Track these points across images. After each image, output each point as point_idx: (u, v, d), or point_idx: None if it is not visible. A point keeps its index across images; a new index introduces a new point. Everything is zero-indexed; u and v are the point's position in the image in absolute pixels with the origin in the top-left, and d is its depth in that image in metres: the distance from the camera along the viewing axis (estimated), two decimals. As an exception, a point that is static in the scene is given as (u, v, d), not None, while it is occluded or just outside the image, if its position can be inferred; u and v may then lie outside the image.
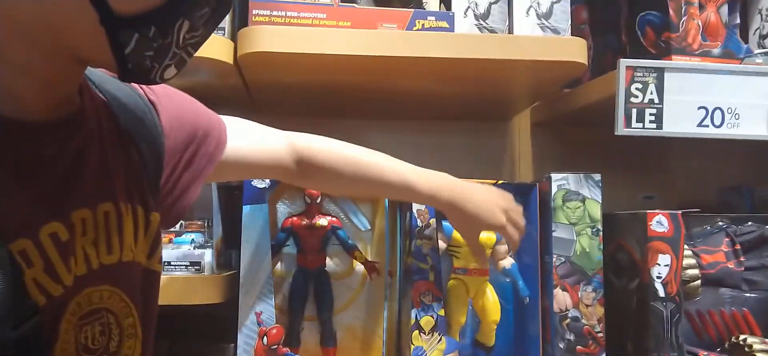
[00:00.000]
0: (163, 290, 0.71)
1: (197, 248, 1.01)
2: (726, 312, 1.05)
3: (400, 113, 1.33)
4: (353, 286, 1.06)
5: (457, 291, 1.05)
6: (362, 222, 1.07)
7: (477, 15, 1.02)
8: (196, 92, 0.77)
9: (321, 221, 1.04)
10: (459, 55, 0.96)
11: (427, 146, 1.34)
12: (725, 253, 1.05)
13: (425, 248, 1.01)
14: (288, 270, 1.05)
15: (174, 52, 0.53)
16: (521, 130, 1.36)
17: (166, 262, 0.97)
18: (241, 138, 0.79)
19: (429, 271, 1.00)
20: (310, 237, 1.04)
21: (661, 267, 0.99)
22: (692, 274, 1.03)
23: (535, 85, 1.15)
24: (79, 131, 0.57)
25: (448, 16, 0.99)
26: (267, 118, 0.86)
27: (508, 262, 1.07)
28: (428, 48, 0.95)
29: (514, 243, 0.95)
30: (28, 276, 0.51)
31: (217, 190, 1.06)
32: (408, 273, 1.02)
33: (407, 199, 0.99)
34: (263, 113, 1.01)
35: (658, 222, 0.99)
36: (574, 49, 0.99)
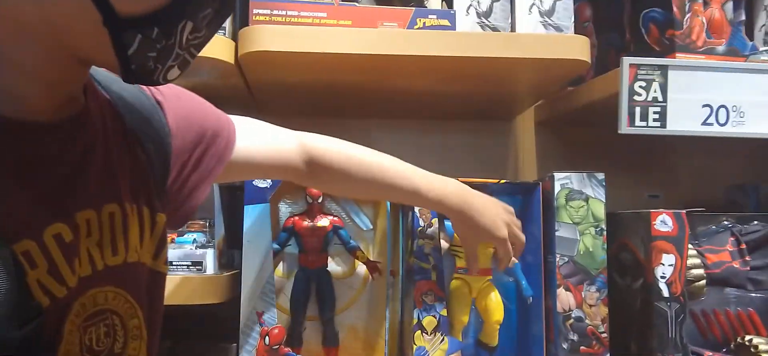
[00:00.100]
0: (165, 290, 0.70)
1: (199, 248, 1.01)
2: (731, 312, 1.04)
3: (402, 112, 1.32)
4: (355, 286, 1.06)
5: (459, 291, 1.05)
6: (364, 222, 1.06)
7: (479, 13, 1.01)
8: (198, 92, 0.77)
9: (323, 221, 1.04)
10: (461, 54, 0.95)
11: (429, 145, 1.33)
12: (730, 252, 1.04)
13: (427, 248, 1.00)
14: (290, 270, 1.05)
15: (177, 53, 0.52)
16: (524, 129, 1.36)
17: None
18: (250, 138, 0.78)
19: (431, 271, 1.00)
20: (311, 237, 1.04)
21: (665, 266, 0.98)
22: (697, 274, 1.02)
23: (537, 83, 1.14)
24: (83, 131, 0.57)
25: (449, 15, 0.98)
26: (269, 117, 0.85)
27: (512, 262, 1.06)
28: (429, 47, 0.94)
29: (510, 258, 0.96)
30: (32, 277, 0.51)
31: (219, 190, 1.06)
32: (410, 272, 1.02)
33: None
34: (265, 113, 1.00)
35: (662, 222, 0.99)
36: (577, 47, 0.98)
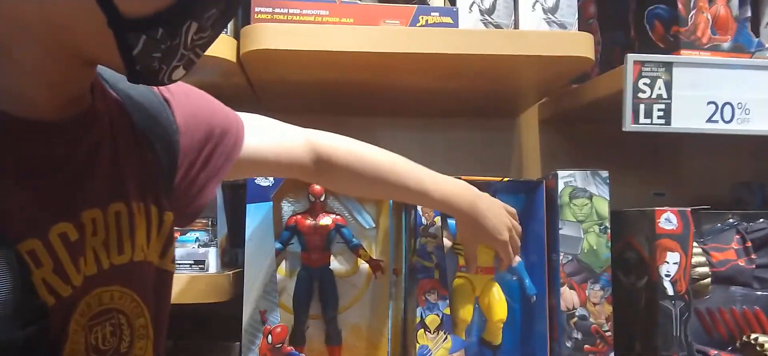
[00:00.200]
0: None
1: (201, 246, 1.01)
2: (737, 311, 1.04)
3: (406, 110, 1.32)
4: (358, 285, 1.06)
5: (463, 289, 1.04)
6: (367, 220, 1.06)
7: (482, 10, 1.00)
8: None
9: (325, 220, 1.04)
10: (463, 51, 0.95)
11: (433, 143, 1.33)
12: (736, 250, 1.03)
13: (430, 247, 1.00)
14: (292, 269, 1.05)
15: (182, 53, 0.52)
16: (529, 126, 1.35)
17: (170, 261, 0.96)
18: (259, 136, 0.78)
19: (434, 269, 1.00)
20: (314, 236, 1.03)
21: (669, 264, 0.97)
22: (702, 272, 1.01)
23: (541, 81, 1.14)
24: (89, 130, 0.57)
25: (452, 12, 0.97)
26: (272, 116, 0.85)
27: (515, 260, 1.05)
28: (432, 44, 0.94)
29: (510, 261, 0.96)
30: (37, 276, 0.51)
31: (222, 188, 1.06)
32: (413, 271, 1.02)
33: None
34: (268, 111, 0.99)
35: (667, 219, 0.98)
36: (581, 44, 0.98)
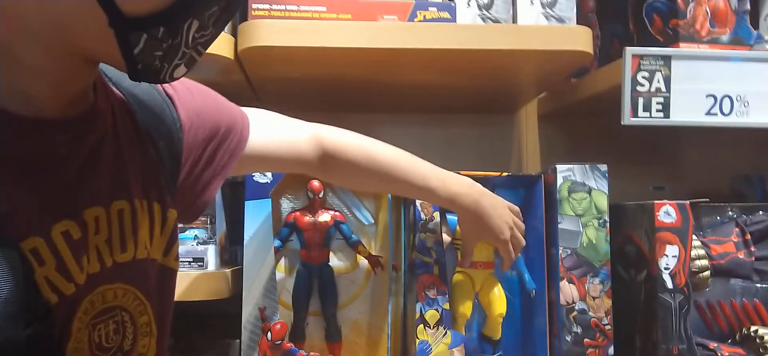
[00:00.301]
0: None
1: (200, 244, 1.01)
2: (736, 303, 1.04)
3: (405, 106, 1.32)
4: (357, 281, 1.06)
5: (462, 284, 1.04)
6: (366, 217, 1.06)
7: (480, 5, 1.00)
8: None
9: (324, 216, 1.04)
10: (462, 47, 0.94)
11: (432, 138, 1.33)
12: (735, 243, 1.03)
13: (429, 242, 1.00)
14: (291, 266, 1.05)
15: (184, 51, 0.52)
16: (528, 121, 1.35)
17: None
18: (263, 132, 0.78)
19: (433, 265, 0.99)
20: (313, 232, 1.03)
21: (669, 258, 0.97)
22: (702, 265, 1.01)
23: (540, 75, 1.14)
24: (92, 128, 0.57)
25: (450, 7, 0.97)
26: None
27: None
28: (430, 40, 0.94)
29: (511, 260, 0.96)
30: (40, 274, 0.51)
31: (221, 186, 1.05)
32: (412, 267, 1.02)
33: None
34: (267, 108, 1.00)
35: (666, 212, 0.98)
36: (580, 38, 0.97)
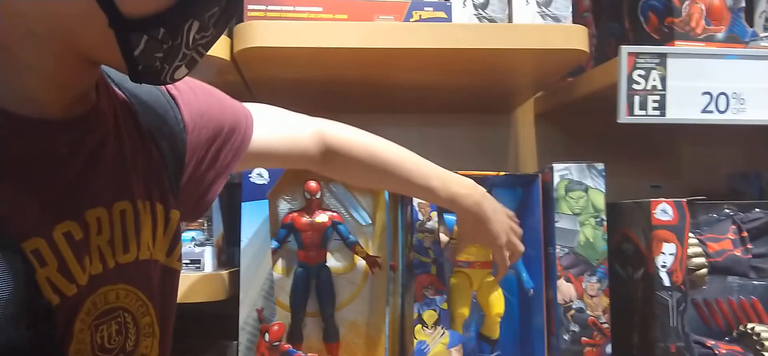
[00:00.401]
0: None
1: (197, 246, 1.01)
2: (734, 301, 1.04)
3: (401, 106, 1.32)
4: (355, 281, 1.06)
5: (460, 284, 1.04)
6: (363, 217, 1.06)
7: (475, 4, 1.00)
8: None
9: (321, 217, 1.04)
10: (458, 46, 0.94)
11: (429, 138, 1.33)
12: (732, 241, 1.03)
13: (427, 242, 1.00)
14: (289, 267, 1.04)
15: (184, 52, 0.52)
16: (525, 120, 1.35)
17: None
18: (266, 129, 0.78)
19: (431, 265, 0.99)
20: (310, 233, 1.03)
21: (666, 255, 0.97)
22: (699, 263, 1.02)
23: (536, 74, 1.14)
24: (93, 129, 0.57)
25: (445, 6, 0.97)
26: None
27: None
28: (426, 39, 0.94)
29: (506, 265, 0.96)
30: (41, 275, 0.51)
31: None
32: (410, 267, 1.02)
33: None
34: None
35: (663, 211, 0.98)
36: (576, 36, 0.98)
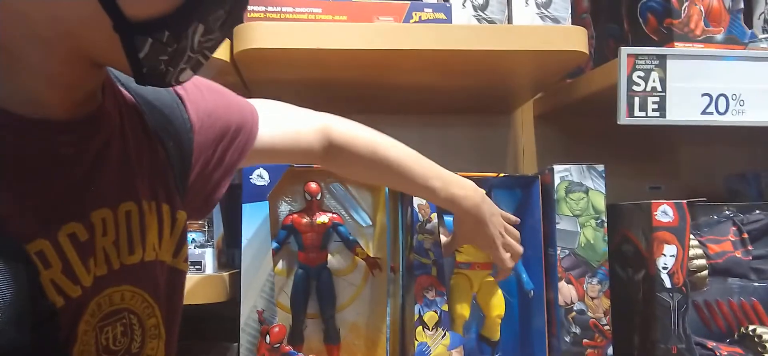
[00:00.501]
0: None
1: (198, 247, 1.01)
2: (734, 302, 1.04)
3: (400, 108, 1.32)
4: (356, 283, 1.06)
5: (460, 285, 1.04)
6: (363, 218, 1.06)
7: (475, 6, 1.00)
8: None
9: (322, 218, 1.04)
10: (457, 47, 0.95)
11: (428, 140, 1.33)
12: (732, 242, 1.03)
13: (427, 243, 1.00)
14: (289, 268, 1.04)
15: (189, 55, 0.52)
16: (524, 122, 1.35)
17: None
18: (271, 126, 0.78)
19: (431, 266, 0.99)
20: (311, 234, 1.03)
21: (666, 257, 0.97)
22: (699, 264, 1.02)
23: (536, 76, 1.14)
24: (98, 130, 0.57)
25: (445, 8, 0.97)
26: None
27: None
28: (426, 41, 0.94)
29: (507, 270, 0.95)
30: (45, 277, 0.50)
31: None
32: (410, 268, 1.01)
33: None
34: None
35: (663, 212, 0.98)
36: (575, 38, 0.98)
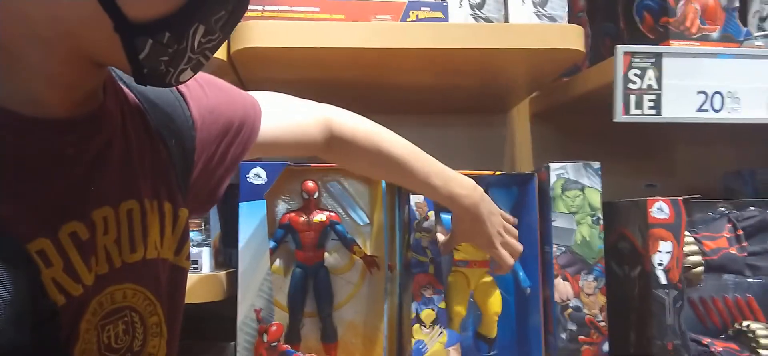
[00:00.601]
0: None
1: (195, 246, 1.01)
2: (729, 299, 1.04)
3: (397, 106, 1.32)
4: (353, 281, 1.06)
5: (458, 283, 1.05)
6: (361, 217, 1.06)
7: (472, 5, 1.01)
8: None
9: (319, 217, 1.04)
10: (454, 46, 0.95)
11: (425, 138, 1.31)
12: (728, 239, 1.04)
13: (424, 241, 1.00)
14: (287, 267, 1.04)
15: (190, 56, 0.52)
16: (521, 120, 1.36)
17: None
18: (273, 120, 0.78)
19: (429, 264, 1.00)
20: (308, 233, 1.03)
21: (662, 254, 0.98)
22: (694, 261, 1.02)
23: (532, 74, 1.14)
24: (100, 128, 0.57)
25: (442, 6, 0.98)
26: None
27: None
28: (423, 39, 0.94)
29: (508, 267, 0.95)
30: (47, 275, 0.51)
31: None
32: (408, 266, 1.02)
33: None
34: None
35: (659, 209, 0.98)
36: (571, 36, 0.98)
